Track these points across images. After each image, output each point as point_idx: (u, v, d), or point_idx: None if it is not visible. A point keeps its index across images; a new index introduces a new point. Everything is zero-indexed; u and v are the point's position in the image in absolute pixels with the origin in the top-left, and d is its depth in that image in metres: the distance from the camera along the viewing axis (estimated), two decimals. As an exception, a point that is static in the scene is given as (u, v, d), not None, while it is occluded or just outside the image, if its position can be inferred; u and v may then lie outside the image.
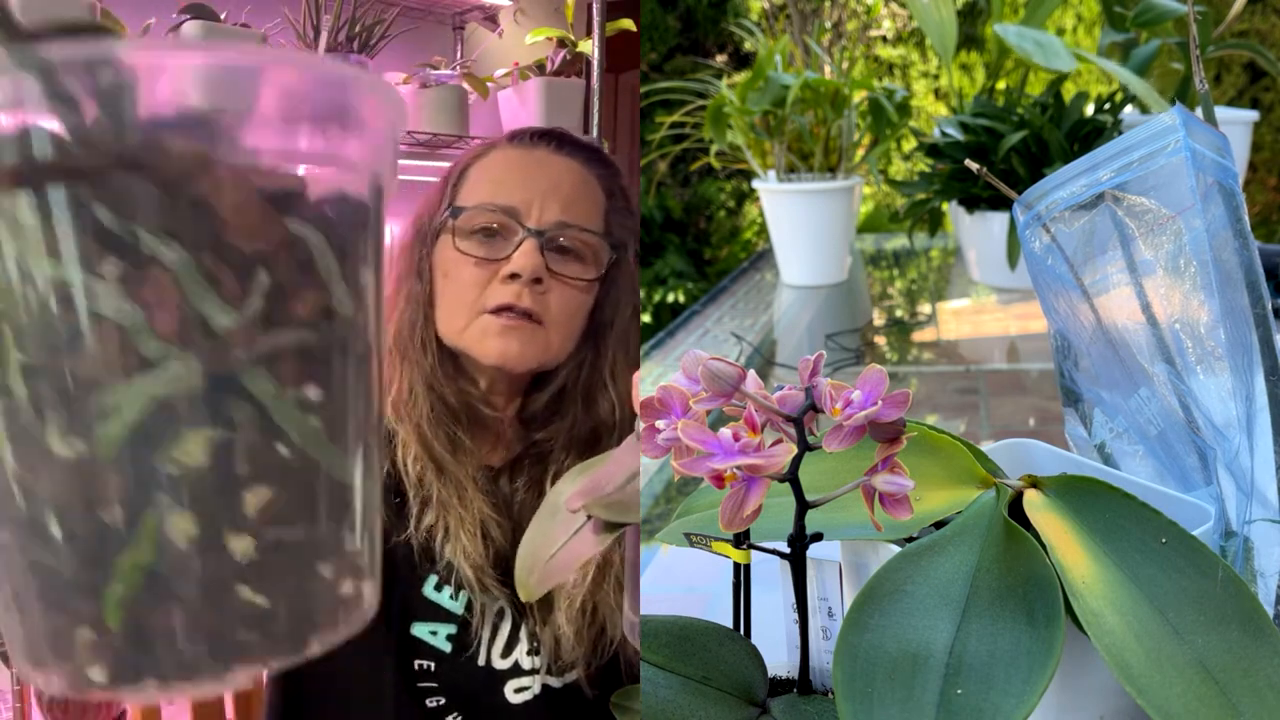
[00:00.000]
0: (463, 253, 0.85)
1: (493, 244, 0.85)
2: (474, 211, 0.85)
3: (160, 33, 1.61)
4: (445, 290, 0.86)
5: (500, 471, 0.90)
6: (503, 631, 0.88)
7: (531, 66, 1.98)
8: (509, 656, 0.88)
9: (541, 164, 0.87)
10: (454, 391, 0.88)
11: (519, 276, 0.83)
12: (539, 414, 0.90)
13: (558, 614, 0.86)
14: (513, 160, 0.88)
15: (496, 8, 2.15)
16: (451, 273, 0.85)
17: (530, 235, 0.84)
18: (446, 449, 0.87)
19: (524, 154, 0.88)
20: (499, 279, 0.84)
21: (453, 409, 0.87)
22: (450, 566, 0.87)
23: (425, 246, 0.88)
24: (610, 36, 1.91)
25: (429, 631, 0.88)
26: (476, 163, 0.89)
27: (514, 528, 0.88)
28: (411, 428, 0.87)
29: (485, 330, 0.84)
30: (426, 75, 1.87)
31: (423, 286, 0.88)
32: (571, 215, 0.85)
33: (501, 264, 0.84)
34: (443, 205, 0.88)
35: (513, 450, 0.91)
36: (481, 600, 0.87)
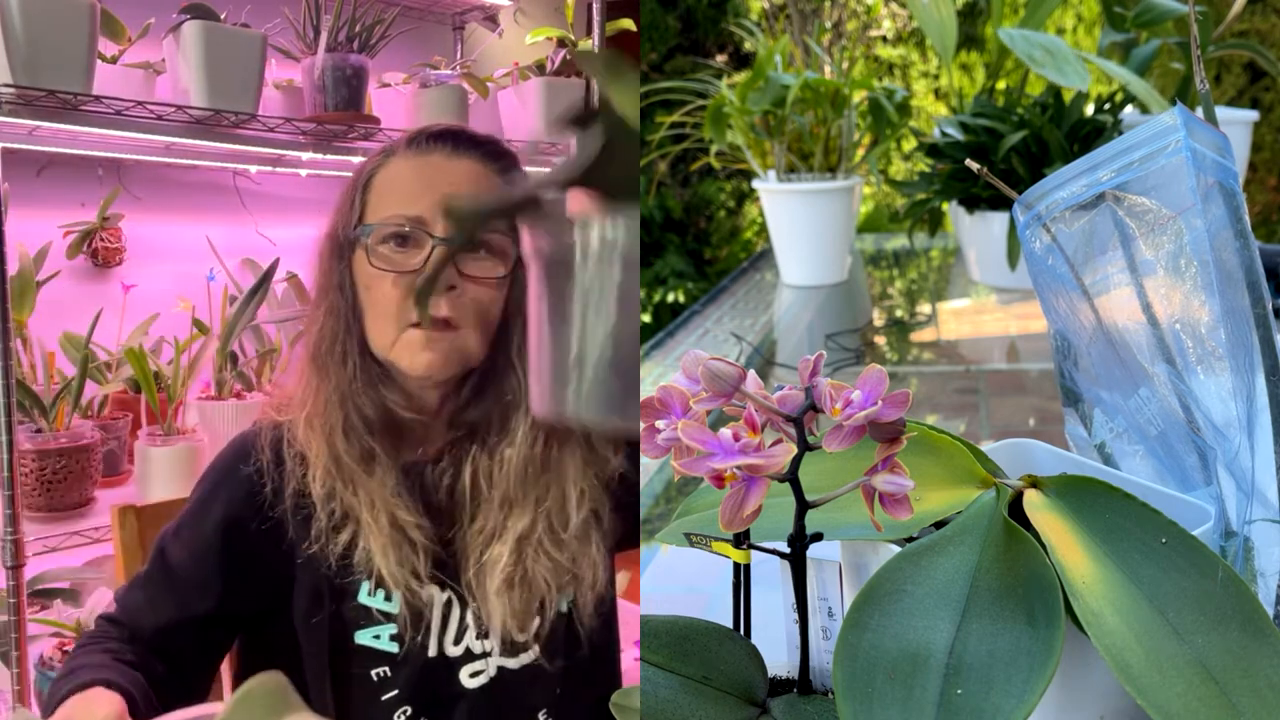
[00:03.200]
0: (378, 268, 0.87)
1: (405, 255, 0.87)
2: (383, 226, 0.87)
3: (160, 33, 1.60)
4: (369, 305, 0.88)
5: (428, 463, 0.92)
6: (452, 620, 0.91)
7: (531, 66, 1.98)
8: (461, 643, 0.91)
9: (440, 169, 0.89)
10: (373, 402, 0.89)
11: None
12: (465, 404, 0.92)
13: (490, 592, 0.88)
14: (412, 168, 0.89)
15: (496, 8, 2.15)
16: (373, 287, 0.88)
17: (439, 243, 0.86)
18: (359, 462, 0.89)
19: (422, 161, 0.90)
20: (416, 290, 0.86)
21: (369, 420, 0.89)
22: (395, 576, 0.88)
23: (343, 260, 0.90)
24: (610, 36, 1.91)
25: (372, 637, 0.90)
26: (379, 172, 0.91)
27: (446, 513, 0.91)
28: (323, 442, 0.89)
29: (411, 345, 0.86)
30: (426, 75, 1.87)
31: (345, 300, 0.89)
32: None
33: (417, 275, 0.86)
34: (353, 216, 0.90)
35: (441, 441, 0.92)
36: (421, 595, 0.89)
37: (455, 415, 0.92)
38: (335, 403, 0.89)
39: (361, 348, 0.90)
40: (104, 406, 1.67)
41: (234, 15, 1.62)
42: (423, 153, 0.90)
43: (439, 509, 0.91)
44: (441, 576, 0.90)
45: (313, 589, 0.90)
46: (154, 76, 1.63)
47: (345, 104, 1.71)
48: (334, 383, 0.89)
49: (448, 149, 0.90)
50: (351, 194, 0.91)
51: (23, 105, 1.36)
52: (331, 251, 0.91)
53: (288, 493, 0.90)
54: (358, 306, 0.89)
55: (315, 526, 0.89)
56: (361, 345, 0.90)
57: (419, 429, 0.92)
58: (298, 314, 1.64)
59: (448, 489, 0.91)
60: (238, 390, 1.68)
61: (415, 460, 0.92)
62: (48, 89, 1.35)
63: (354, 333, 0.89)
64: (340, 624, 0.90)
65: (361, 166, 0.93)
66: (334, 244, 0.91)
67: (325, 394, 0.89)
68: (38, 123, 1.43)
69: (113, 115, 1.46)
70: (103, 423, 1.62)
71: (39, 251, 1.65)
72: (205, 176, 1.93)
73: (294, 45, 1.75)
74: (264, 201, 1.96)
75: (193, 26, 1.52)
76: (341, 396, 0.89)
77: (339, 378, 0.89)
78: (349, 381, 0.89)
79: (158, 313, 1.78)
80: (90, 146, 1.67)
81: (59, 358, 1.63)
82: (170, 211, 1.92)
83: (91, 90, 1.42)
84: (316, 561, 0.89)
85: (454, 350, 0.87)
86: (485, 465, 0.90)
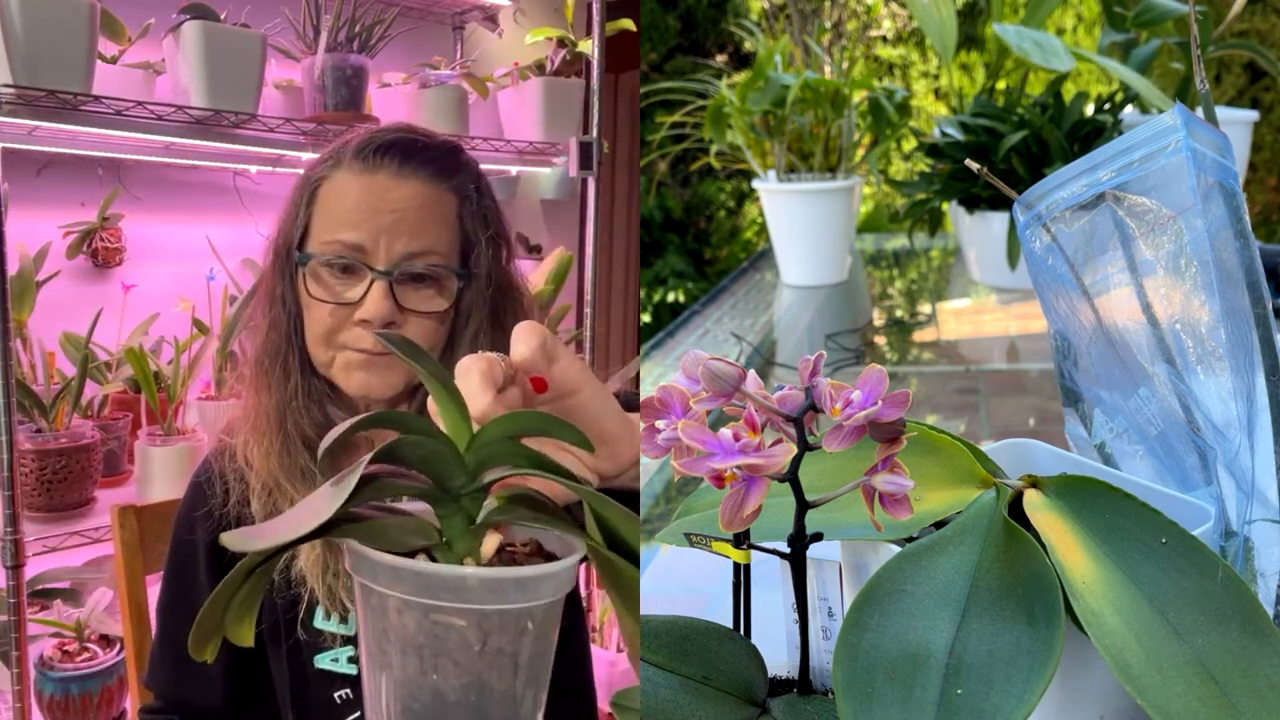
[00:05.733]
0: (316, 298, 0.84)
1: (345, 283, 0.84)
2: (323, 254, 0.84)
3: (160, 33, 1.60)
4: (309, 323, 0.86)
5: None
6: None
7: (531, 66, 1.98)
8: None
9: (385, 192, 0.84)
10: (313, 420, 0.87)
11: (371, 322, 0.83)
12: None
13: None
14: (358, 187, 0.84)
15: (496, 8, 2.15)
16: (312, 308, 0.85)
17: (379, 277, 0.83)
18: (298, 481, 0.86)
19: (368, 180, 0.84)
20: (352, 321, 0.83)
21: (308, 439, 0.86)
22: (330, 591, 0.86)
23: (286, 275, 0.87)
24: (610, 36, 1.91)
25: (331, 660, 0.88)
26: (324, 184, 0.86)
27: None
28: (263, 460, 0.87)
29: (348, 365, 0.84)
30: (426, 75, 1.87)
31: (288, 315, 0.87)
32: (418, 244, 0.84)
33: (354, 307, 0.83)
34: (295, 230, 0.86)
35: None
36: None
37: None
38: (275, 420, 0.87)
39: (305, 364, 0.87)
40: (104, 406, 1.67)
41: (234, 15, 1.62)
42: (370, 169, 0.84)
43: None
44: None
45: (271, 614, 0.89)
46: (154, 76, 1.63)
47: (345, 104, 1.71)
48: (275, 399, 0.87)
49: (395, 166, 0.84)
50: (296, 205, 0.87)
51: (23, 105, 1.36)
52: (276, 265, 0.88)
53: (233, 515, 0.88)
54: (300, 323, 0.87)
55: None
56: (305, 362, 0.87)
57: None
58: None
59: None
60: (238, 390, 1.68)
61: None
62: (48, 89, 1.35)
63: (296, 349, 0.87)
64: (300, 648, 0.88)
65: (308, 172, 0.89)
66: (278, 259, 0.88)
67: (267, 410, 0.87)
68: (38, 123, 1.43)
69: (113, 115, 1.46)
70: (103, 423, 1.62)
71: (39, 251, 1.65)
72: (205, 176, 1.93)
73: (294, 45, 1.74)
74: (264, 201, 1.96)
75: (193, 26, 1.52)
76: (281, 414, 0.87)
77: (280, 393, 0.87)
78: (290, 398, 0.87)
79: (158, 313, 1.78)
80: (90, 146, 1.67)
81: (59, 358, 1.63)
82: (170, 211, 1.92)
83: (91, 90, 1.42)
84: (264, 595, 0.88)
85: (389, 373, 0.85)
86: None
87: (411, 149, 0.86)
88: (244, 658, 0.90)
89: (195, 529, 0.90)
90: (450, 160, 0.88)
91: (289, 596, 0.87)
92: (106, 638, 1.49)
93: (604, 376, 2.19)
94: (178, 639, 0.91)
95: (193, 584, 0.91)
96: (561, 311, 1.96)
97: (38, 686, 1.43)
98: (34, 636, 1.42)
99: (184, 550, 0.92)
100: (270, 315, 0.88)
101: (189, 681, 0.91)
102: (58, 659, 1.44)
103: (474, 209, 0.88)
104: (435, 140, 0.89)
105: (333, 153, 0.88)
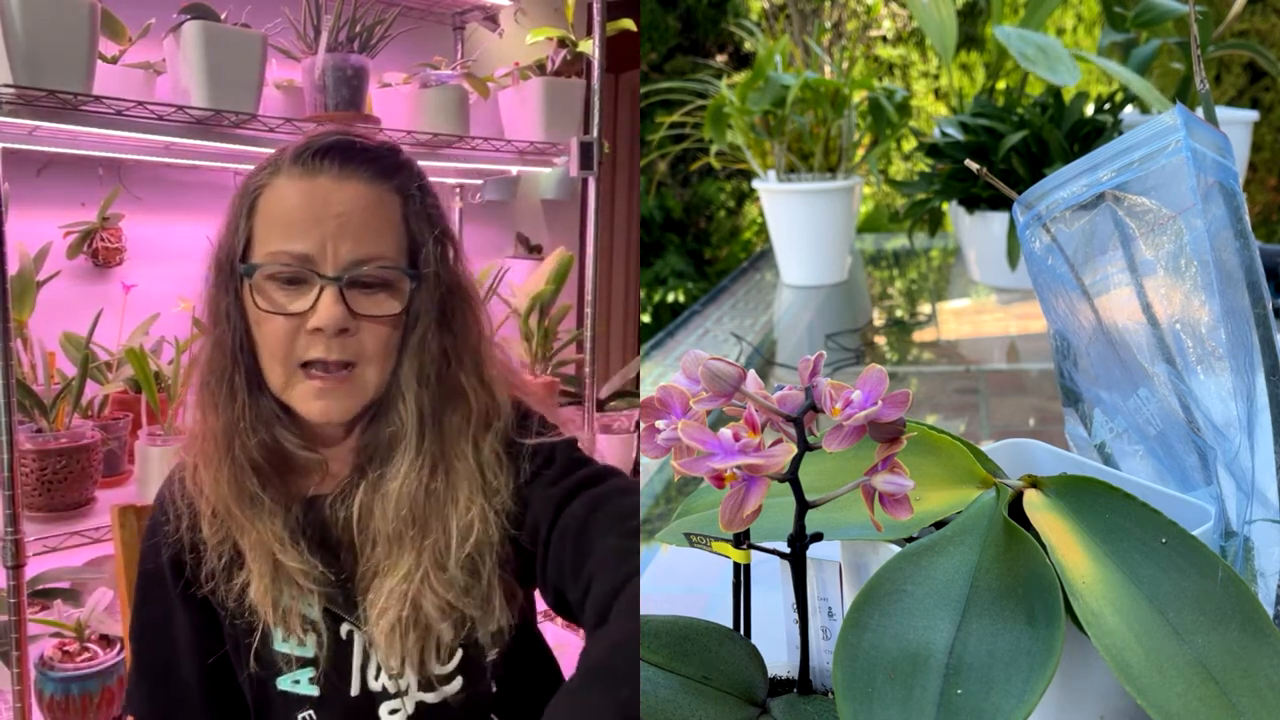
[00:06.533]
0: (265, 311, 0.82)
1: (293, 294, 0.81)
2: (268, 265, 0.82)
3: (160, 33, 1.60)
4: (260, 342, 0.83)
5: (329, 496, 0.87)
6: (374, 657, 0.87)
7: (531, 66, 1.98)
8: (380, 678, 0.87)
9: (327, 196, 0.82)
10: (262, 443, 0.85)
11: (324, 330, 0.81)
12: (365, 433, 0.88)
13: (379, 632, 0.84)
14: (299, 193, 0.82)
15: (496, 8, 2.15)
16: (262, 324, 0.83)
17: (328, 283, 0.80)
18: (247, 506, 0.85)
19: (309, 185, 0.82)
20: (305, 331, 0.81)
21: (256, 463, 0.84)
22: (284, 617, 0.86)
23: (230, 292, 0.84)
24: (610, 36, 1.91)
25: (292, 682, 0.88)
26: (264, 192, 0.84)
27: (347, 548, 0.86)
28: (212, 485, 0.85)
29: (305, 394, 0.82)
30: (426, 75, 1.87)
31: (233, 333, 0.84)
32: (365, 249, 0.82)
33: (306, 316, 0.81)
34: (238, 243, 0.84)
35: (344, 472, 0.88)
36: (322, 638, 0.86)
37: (359, 445, 0.87)
38: (223, 443, 0.84)
39: (252, 384, 0.85)
40: (104, 406, 1.67)
41: (234, 15, 1.62)
42: (309, 173, 0.82)
43: (339, 544, 0.87)
44: (342, 614, 0.86)
45: (232, 638, 0.88)
46: (154, 76, 1.63)
47: (346, 104, 1.71)
48: (222, 421, 0.84)
49: (335, 169, 0.82)
50: (236, 216, 0.85)
51: (23, 105, 1.36)
52: (218, 281, 0.85)
53: (187, 541, 0.87)
54: (248, 341, 0.84)
55: (205, 570, 0.86)
56: (252, 381, 0.85)
57: (316, 466, 0.88)
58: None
59: (344, 523, 0.86)
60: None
61: (318, 494, 0.88)
62: (48, 89, 1.35)
63: (243, 367, 0.84)
64: (262, 670, 0.87)
65: (246, 181, 0.86)
66: (220, 273, 0.85)
67: (214, 433, 0.85)
68: (38, 123, 1.43)
69: (113, 115, 1.46)
70: (103, 423, 1.62)
71: (39, 251, 1.65)
72: (206, 176, 1.93)
73: (294, 45, 1.74)
74: (264, 201, 1.95)
75: (193, 26, 1.52)
76: (229, 437, 0.84)
77: (227, 415, 0.84)
78: (237, 420, 0.84)
79: (158, 313, 1.78)
80: (90, 146, 1.67)
81: (59, 358, 1.63)
82: (170, 211, 1.92)
83: (92, 90, 1.42)
84: (218, 608, 0.87)
85: (353, 392, 0.83)
86: (369, 499, 0.85)
87: (350, 151, 0.84)
88: (220, 681, 0.90)
89: (158, 555, 0.90)
90: (390, 161, 0.86)
91: (247, 622, 0.86)
92: (106, 638, 1.49)
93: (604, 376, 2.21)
94: (152, 664, 0.91)
95: (161, 610, 0.90)
96: (562, 311, 1.96)
97: (38, 686, 1.43)
98: (34, 636, 1.42)
99: (149, 578, 0.91)
100: (215, 334, 0.85)
101: (166, 705, 0.90)
102: (58, 659, 1.44)
103: (418, 208, 0.86)
104: (373, 142, 0.87)
105: (270, 161, 0.85)
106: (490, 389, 0.88)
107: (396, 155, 0.87)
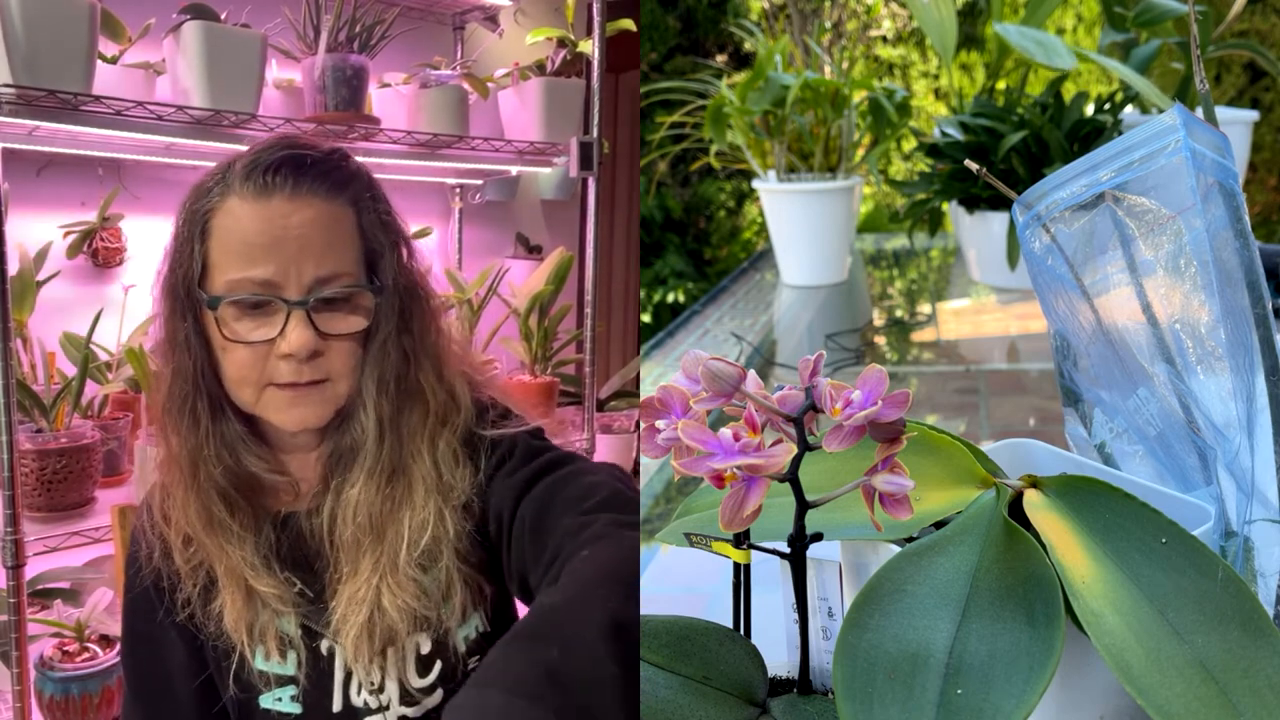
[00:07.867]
0: (231, 340, 0.81)
1: (259, 319, 0.81)
2: (232, 294, 0.80)
3: (160, 33, 1.60)
4: (226, 366, 0.83)
5: (303, 514, 0.87)
6: (356, 671, 0.87)
7: (531, 66, 1.98)
8: (361, 694, 0.87)
9: (283, 219, 0.80)
10: (226, 469, 0.84)
11: (294, 355, 0.80)
12: (331, 440, 0.87)
13: (349, 641, 0.84)
14: (254, 218, 0.80)
15: (496, 8, 2.15)
16: (228, 349, 0.82)
17: (295, 307, 0.80)
18: (216, 532, 0.84)
19: (263, 208, 0.80)
20: (275, 355, 0.81)
21: (221, 489, 0.84)
22: (261, 638, 0.86)
23: (187, 319, 0.83)
24: (610, 36, 1.91)
25: (274, 700, 0.87)
26: (216, 214, 0.82)
27: (321, 561, 0.86)
28: (179, 512, 0.84)
29: (277, 404, 0.82)
30: (426, 75, 1.87)
31: (193, 360, 0.83)
32: (328, 267, 0.81)
33: (275, 342, 0.80)
34: (194, 268, 0.82)
35: (315, 486, 0.88)
36: (322, 649, 0.86)
37: (326, 454, 0.87)
38: (188, 469, 0.84)
39: (215, 409, 0.84)
40: (104, 406, 1.67)
41: (234, 15, 1.62)
42: (263, 194, 0.80)
43: (315, 558, 0.87)
44: (320, 631, 0.86)
45: (214, 660, 0.88)
46: (154, 76, 1.63)
47: (345, 104, 1.71)
48: (186, 447, 0.84)
49: (289, 188, 0.80)
50: (188, 240, 0.83)
51: (23, 105, 1.36)
52: (174, 308, 0.84)
53: (161, 568, 0.87)
54: (210, 367, 0.83)
55: (181, 596, 0.86)
56: (215, 406, 0.84)
57: (285, 484, 0.88)
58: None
59: (317, 536, 0.87)
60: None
61: (291, 511, 0.88)
62: (48, 89, 1.35)
63: (205, 393, 0.83)
64: (245, 690, 0.87)
65: (193, 203, 0.84)
66: (175, 300, 0.84)
67: (178, 459, 0.84)
68: (38, 123, 1.43)
69: (113, 115, 1.46)
70: (103, 423, 1.62)
71: (39, 251, 1.65)
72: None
73: (294, 45, 1.74)
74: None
75: (193, 26, 1.52)
76: (193, 463, 0.84)
77: (190, 441, 0.84)
78: (200, 445, 0.83)
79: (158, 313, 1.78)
80: (90, 146, 1.67)
81: (59, 358, 1.63)
82: (171, 212, 1.91)
83: (91, 90, 1.42)
84: (196, 631, 0.87)
85: (322, 403, 0.83)
86: (334, 509, 0.85)
87: (302, 166, 0.82)
88: (213, 700, 0.90)
89: (140, 582, 0.90)
90: (342, 173, 0.85)
91: (227, 643, 0.86)
92: (106, 638, 1.49)
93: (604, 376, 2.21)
94: (147, 685, 0.91)
95: (148, 634, 0.90)
96: (561, 311, 1.96)
97: (38, 686, 1.43)
98: (34, 636, 1.42)
99: (134, 604, 0.91)
100: (174, 361, 0.84)
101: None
102: (58, 659, 1.44)
103: (372, 217, 0.85)
104: (322, 151, 0.85)
105: (217, 178, 0.83)
106: (449, 386, 0.87)
107: (347, 164, 0.86)
